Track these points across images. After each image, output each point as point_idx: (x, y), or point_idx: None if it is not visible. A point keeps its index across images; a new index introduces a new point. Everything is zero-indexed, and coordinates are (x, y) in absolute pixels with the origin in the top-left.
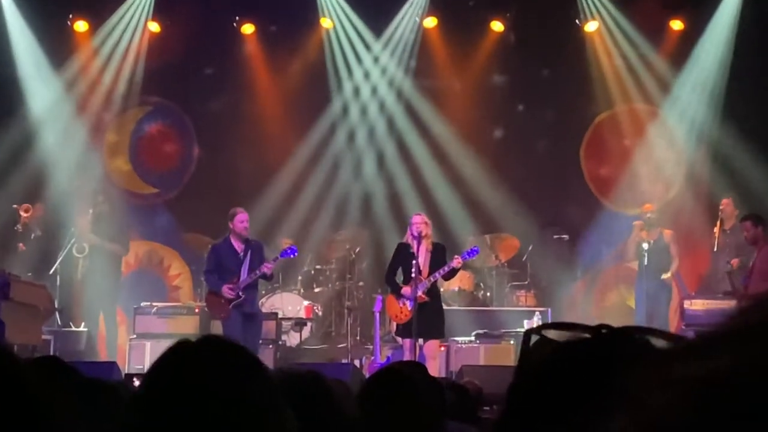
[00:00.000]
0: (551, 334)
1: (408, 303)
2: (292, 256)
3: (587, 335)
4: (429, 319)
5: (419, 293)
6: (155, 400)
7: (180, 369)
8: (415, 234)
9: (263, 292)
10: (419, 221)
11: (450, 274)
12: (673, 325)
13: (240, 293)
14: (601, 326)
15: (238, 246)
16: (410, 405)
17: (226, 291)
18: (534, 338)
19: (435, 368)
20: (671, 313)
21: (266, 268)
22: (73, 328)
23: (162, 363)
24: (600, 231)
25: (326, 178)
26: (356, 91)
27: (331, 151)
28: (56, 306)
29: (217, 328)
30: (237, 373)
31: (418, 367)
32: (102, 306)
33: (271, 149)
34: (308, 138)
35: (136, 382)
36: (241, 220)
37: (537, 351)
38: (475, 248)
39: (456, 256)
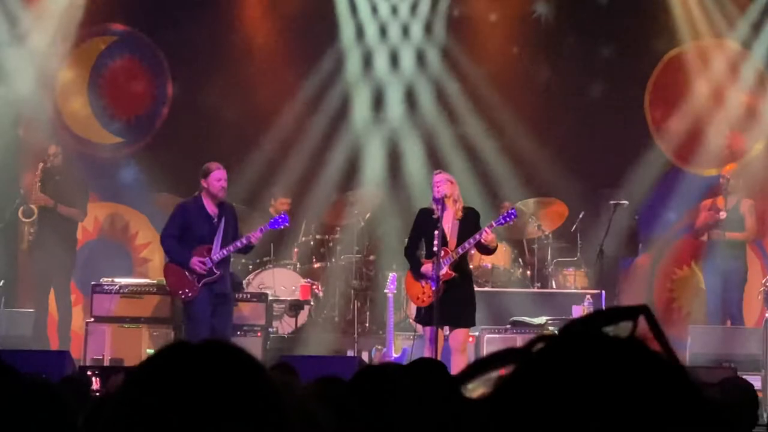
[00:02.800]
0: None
1: (431, 282)
2: (281, 226)
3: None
4: (456, 303)
5: (444, 270)
6: (133, 420)
7: (170, 384)
8: (437, 196)
9: (250, 266)
10: (441, 180)
11: (484, 247)
12: (750, 309)
13: (214, 268)
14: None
15: (211, 209)
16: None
17: (197, 264)
18: None
19: (463, 365)
20: (752, 294)
21: (254, 238)
22: (17, 309)
23: (144, 375)
24: (667, 196)
25: (331, 125)
26: (374, 10)
27: (338, 92)
28: None
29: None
30: (246, 398)
31: (426, 369)
32: (53, 282)
33: (263, 89)
34: (309, 74)
35: (95, 382)
36: (217, 177)
37: None
38: (512, 211)
39: (489, 224)
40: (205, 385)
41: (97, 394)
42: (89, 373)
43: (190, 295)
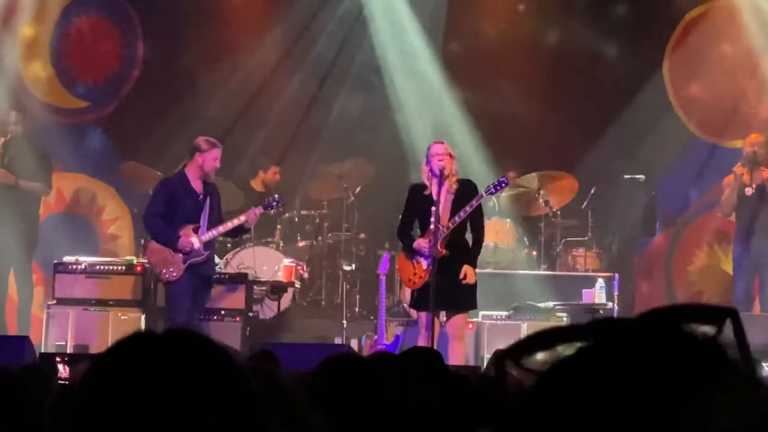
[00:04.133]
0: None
1: (424, 261)
2: (275, 211)
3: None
4: (453, 285)
5: (438, 246)
6: (93, 412)
7: (134, 375)
8: (436, 170)
9: (228, 245)
10: (441, 152)
11: (475, 219)
12: None
13: (201, 248)
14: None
15: (197, 186)
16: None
17: (185, 243)
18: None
19: (461, 353)
20: None
21: (249, 218)
22: None
23: (108, 364)
24: (687, 169)
25: (319, 90)
26: None
27: (329, 54)
28: None
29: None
30: (215, 391)
31: (421, 358)
32: (13, 261)
33: (244, 48)
34: (297, 33)
35: (62, 368)
36: (215, 156)
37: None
38: (503, 179)
39: (479, 194)
40: (171, 377)
41: (65, 382)
42: (58, 359)
43: (174, 275)
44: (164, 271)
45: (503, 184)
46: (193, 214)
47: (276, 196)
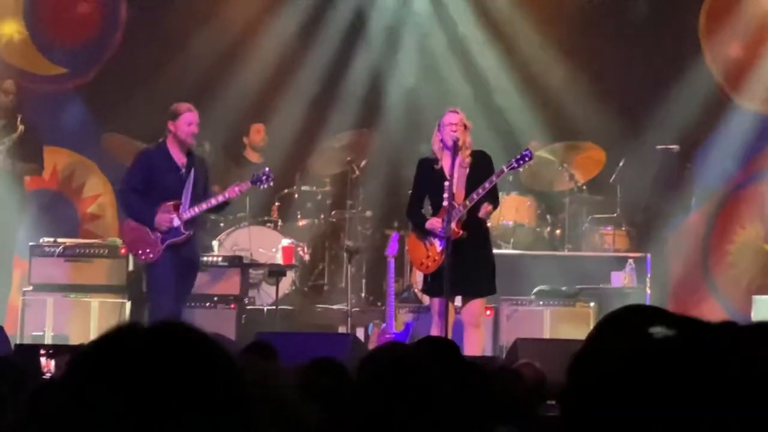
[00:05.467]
0: None
1: (437, 243)
2: (264, 185)
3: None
4: (470, 267)
5: (452, 226)
6: (76, 409)
7: (118, 371)
8: (449, 142)
9: (221, 224)
10: (455, 121)
11: (492, 196)
12: None
13: (182, 227)
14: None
15: (179, 158)
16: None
17: (163, 221)
18: None
19: (478, 342)
20: None
21: (233, 194)
22: None
23: (90, 360)
24: (726, 139)
25: (321, 56)
26: None
27: (331, 15)
28: None
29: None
30: (203, 388)
31: (435, 349)
32: None
33: (237, 11)
34: None
35: (44, 361)
36: (188, 121)
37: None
38: (527, 152)
39: (498, 170)
40: (157, 374)
41: (47, 377)
42: (42, 352)
43: (151, 256)
44: (140, 251)
45: (526, 158)
46: (175, 189)
47: (266, 169)
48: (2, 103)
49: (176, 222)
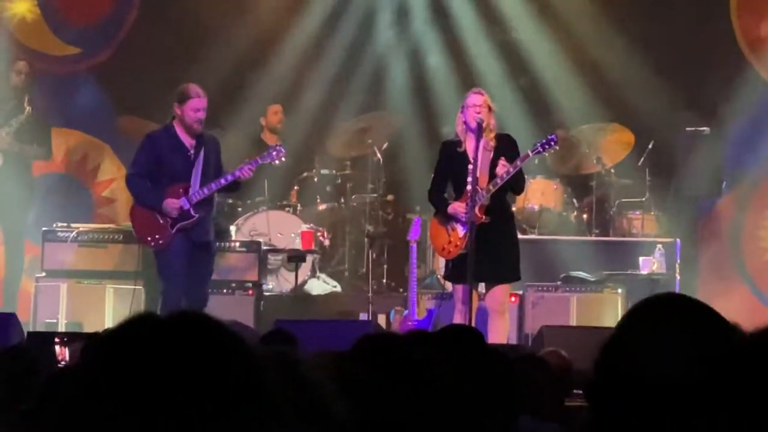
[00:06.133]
0: None
1: (460, 228)
2: (276, 160)
3: None
4: (493, 253)
5: (476, 211)
6: (90, 401)
7: (133, 364)
8: (472, 124)
9: (239, 209)
10: (479, 103)
11: (516, 180)
12: None
13: (191, 210)
14: None
15: (187, 140)
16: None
17: (171, 205)
18: None
19: (502, 329)
20: None
21: (243, 172)
22: None
23: (105, 352)
24: (758, 121)
25: (341, 35)
26: None
27: None
28: None
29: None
30: (221, 381)
31: (459, 337)
32: (7, 235)
33: None
34: None
35: (59, 349)
36: (194, 107)
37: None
38: (552, 137)
39: (523, 153)
40: (173, 365)
41: (61, 364)
42: (56, 339)
43: (161, 242)
44: (150, 238)
45: (552, 143)
46: (184, 171)
47: (278, 144)
48: (14, 84)
49: (185, 205)
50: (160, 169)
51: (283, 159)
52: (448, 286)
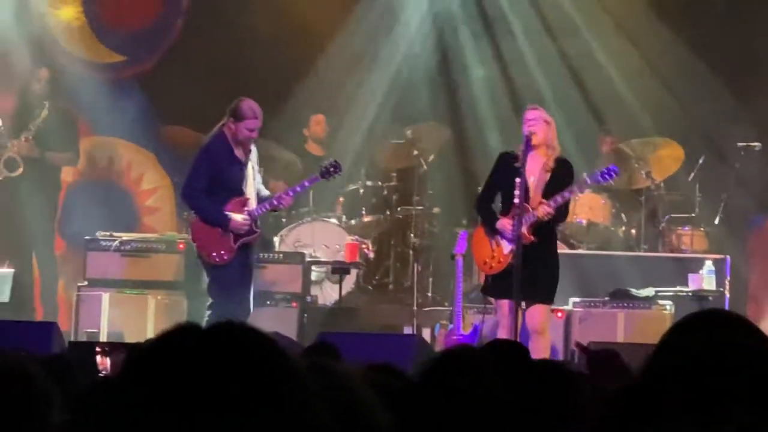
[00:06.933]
0: None
1: (505, 244)
2: (332, 177)
3: None
4: (531, 273)
5: (523, 229)
6: (133, 410)
7: (177, 374)
8: (524, 136)
9: (283, 219)
10: (534, 118)
11: (563, 210)
12: None
13: (254, 226)
14: None
15: (239, 152)
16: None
17: (240, 222)
18: None
19: (542, 349)
20: None
21: (284, 201)
22: None
23: (147, 361)
24: None
25: (387, 44)
26: None
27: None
28: None
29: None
30: (265, 394)
31: (506, 353)
32: (36, 241)
33: None
34: None
35: (100, 359)
36: (250, 127)
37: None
38: (613, 167)
39: (582, 179)
40: (219, 377)
41: (102, 374)
42: (97, 349)
43: (225, 258)
44: (214, 254)
45: (613, 173)
46: (238, 183)
47: (333, 160)
48: (34, 91)
49: (249, 220)
50: (216, 183)
51: (340, 174)
52: (493, 301)
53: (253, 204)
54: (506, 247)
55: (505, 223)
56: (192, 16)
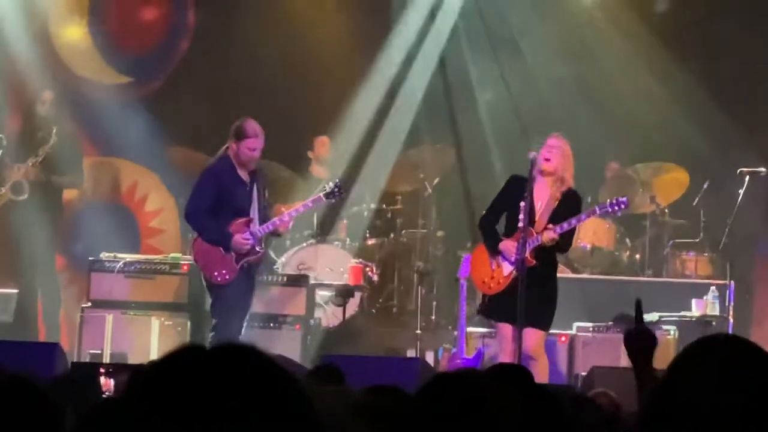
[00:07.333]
0: None
1: (506, 266)
2: (336, 198)
3: None
4: (531, 297)
5: (526, 254)
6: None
7: (181, 396)
8: (539, 166)
9: (287, 242)
10: (555, 145)
11: (567, 239)
12: None
13: (257, 246)
14: None
15: (243, 173)
16: None
17: (241, 242)
18: None
19: (540, 373)
20: None
21: (284, 224)
22: None
23: (151, 382)
24: None
25: (390, 66)
26: None
27: (402, 23)
28: None
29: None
30: (271, 418)
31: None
32: (38, 262)
33: (309, 16)
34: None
35: (104, 380)
36: (251, 146)
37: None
38: (623, 199)
39: (590, 209)
40: (224, 398)
41: (106, 395)
42: (101, 370)
43: (227, 278)
44: (216, 273)
45: (622, 206)
46: (243, 203)
47: (336, 181)
48: (39, 114)
49: (252, 240)
50: (220, 202)
51: (342, 195)
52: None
53: (256, 224)
54: (507, 269)
55: (509, 246)
56: (197, 38)
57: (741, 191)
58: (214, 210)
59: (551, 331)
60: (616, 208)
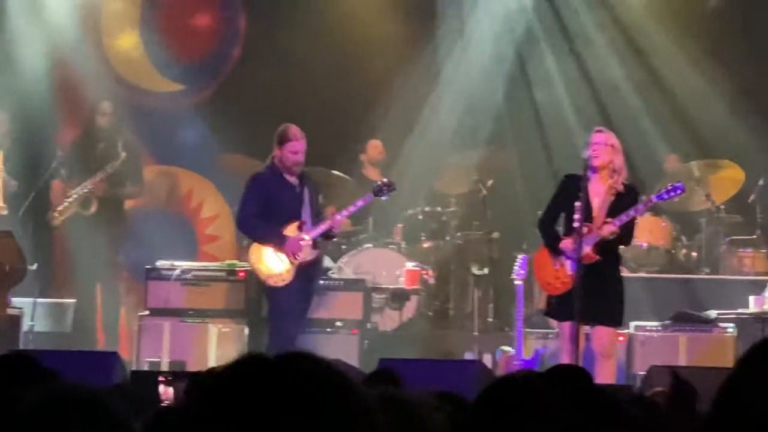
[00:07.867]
0: None
1: (569, 265)
2: (385, 196)
3: None
4: (599, 295)
5: (586, 250)
6: None
7: (244, 405)
8: (591, 163)
9: (343, 246)
10: (598, 141)
11: (628, 231)
12: None
13: (312, 248)
14: None
15: (291, 178)
16: None
17: (295, 245)
18: None
19: (608, 373)
20: None
21: (355, 207)
22: (55, 300)
23: (213, 391)
24: None
25: (442, 67)
26: None
27: (450, 23)
28: (27, 263)
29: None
30: (332, 425)
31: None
32: (100, 272)
33: (360, 24)
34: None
35: (163, 389)
36: (293, 149)
37: None
38: (678, 184)
39: (646, 198)
40: (282, 406)
41: (165, 403)
42: (161, 378)
43: (286, 281)
44: (273, 276)
45: (678, 191)
46: (293, 208)
47: (385, 179)
48: (100, 125)
49: (305, 242)
50: (269, 208)
51: (394, 191)
52: (555, 324)
53: (309, 227)
54: (569, 268)
55: (567, 243)
56: (249, 45)
57: None
58: (265, 215)
59: None
60: (672, 194)
